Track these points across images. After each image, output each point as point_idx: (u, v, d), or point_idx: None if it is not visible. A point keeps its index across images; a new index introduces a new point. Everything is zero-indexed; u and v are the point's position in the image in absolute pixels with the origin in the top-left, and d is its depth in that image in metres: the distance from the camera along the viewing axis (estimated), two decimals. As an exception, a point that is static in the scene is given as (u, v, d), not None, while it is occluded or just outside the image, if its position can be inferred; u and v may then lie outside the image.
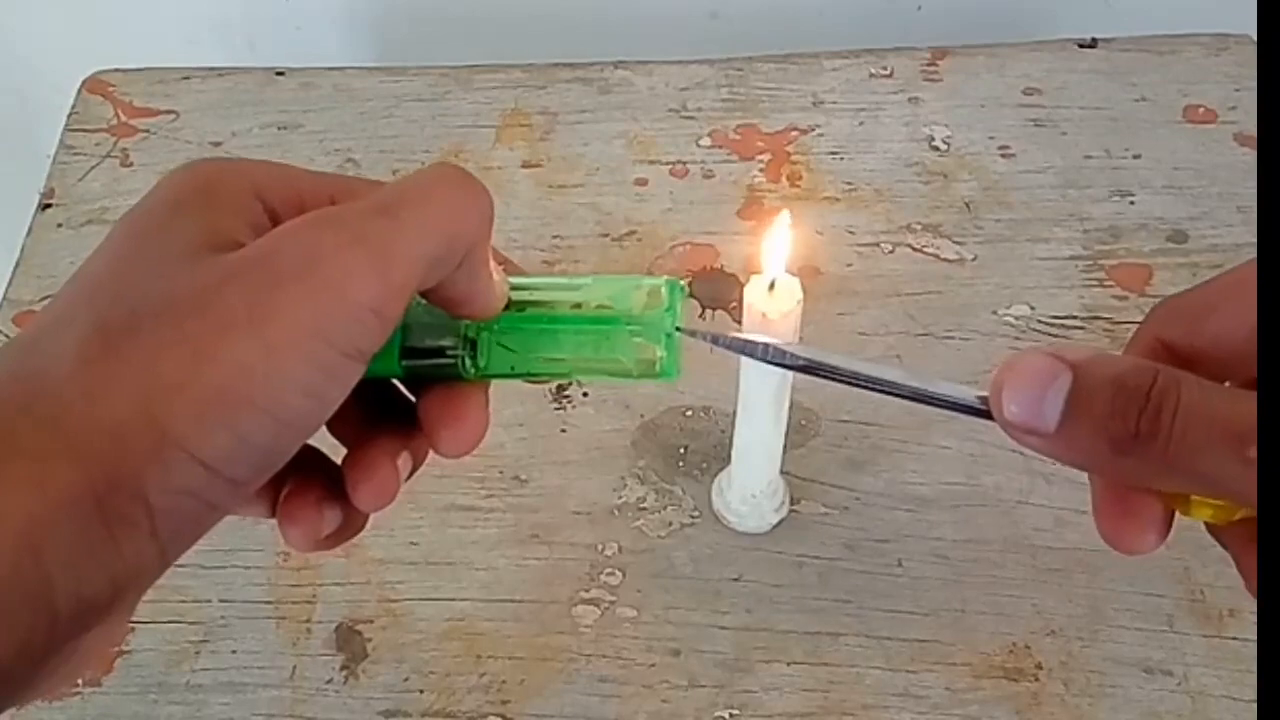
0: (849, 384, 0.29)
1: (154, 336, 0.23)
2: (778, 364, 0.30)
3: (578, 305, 0.30)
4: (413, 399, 0.31)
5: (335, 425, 0.30)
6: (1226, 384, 0.27)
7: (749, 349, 0.30)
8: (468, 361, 0.29)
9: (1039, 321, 0.62)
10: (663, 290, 0.30)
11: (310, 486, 0.28)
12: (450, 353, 0.29)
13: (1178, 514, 0.27)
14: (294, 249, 0.24)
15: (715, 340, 0.31)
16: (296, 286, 0.23)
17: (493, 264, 0.28)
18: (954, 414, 0.28)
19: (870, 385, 0.28)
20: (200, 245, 0.25)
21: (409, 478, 0.30)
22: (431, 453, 0.30)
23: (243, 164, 0.28)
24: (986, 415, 0.27)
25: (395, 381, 0.31)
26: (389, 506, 0.29)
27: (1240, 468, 0.23)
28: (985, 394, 0.27)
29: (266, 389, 0.23)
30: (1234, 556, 0.28)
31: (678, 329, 0.30)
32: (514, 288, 0.30)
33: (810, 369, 0.29)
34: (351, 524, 0.30)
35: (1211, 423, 0.24)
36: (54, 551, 0.21)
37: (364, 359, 0.25)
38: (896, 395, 0.28)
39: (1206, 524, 0.27)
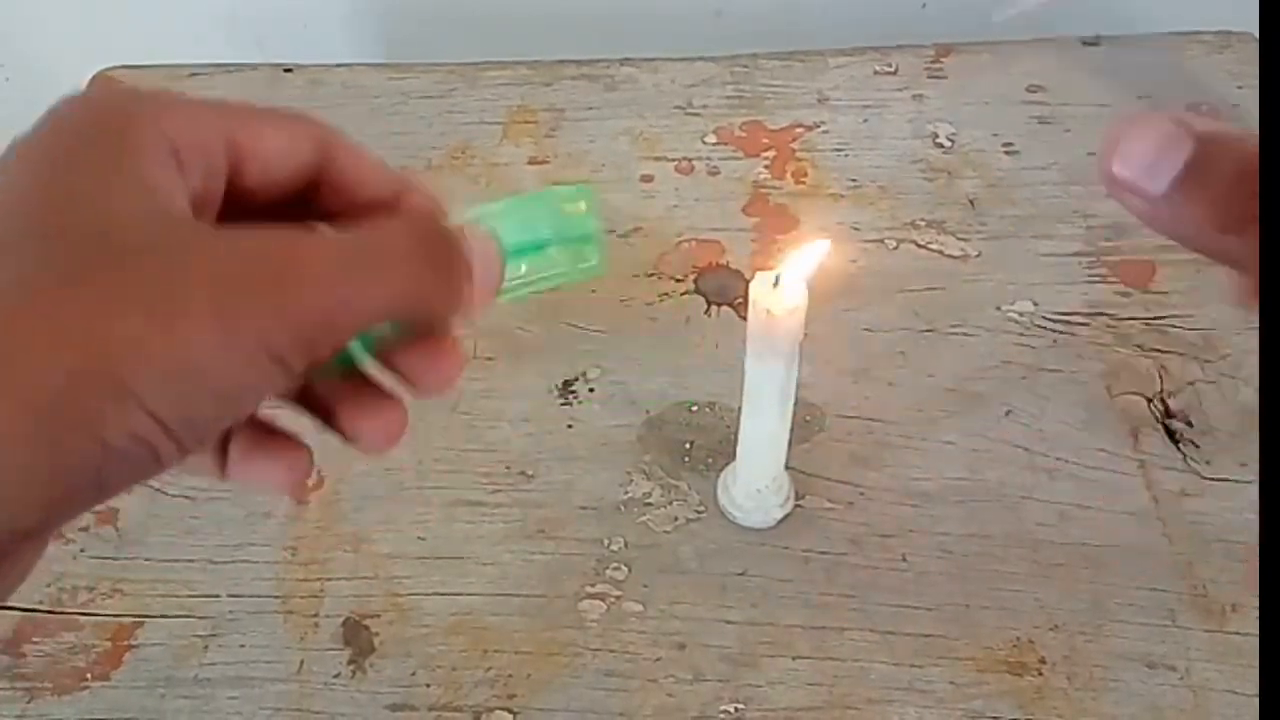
0: None
1: (112, 288, 0.23)
2: None
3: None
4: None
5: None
6: None
7: None
8: None
9: (1043, 318, 0.62)
10: (582, 203, 0.32)
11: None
12: None
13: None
14: (269, 261, 0.25)
15: None
16: (265, 298, 0.24)
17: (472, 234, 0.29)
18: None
19: None
20: (140, 190, 0.25)
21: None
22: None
23: (150, 107, 0.27)
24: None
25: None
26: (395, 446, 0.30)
27: None
28: None
29: (219, 364, 0.24)
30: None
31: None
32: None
33: None
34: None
35: None
36: None
37: (305, 373, 0.26)
38: None
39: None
